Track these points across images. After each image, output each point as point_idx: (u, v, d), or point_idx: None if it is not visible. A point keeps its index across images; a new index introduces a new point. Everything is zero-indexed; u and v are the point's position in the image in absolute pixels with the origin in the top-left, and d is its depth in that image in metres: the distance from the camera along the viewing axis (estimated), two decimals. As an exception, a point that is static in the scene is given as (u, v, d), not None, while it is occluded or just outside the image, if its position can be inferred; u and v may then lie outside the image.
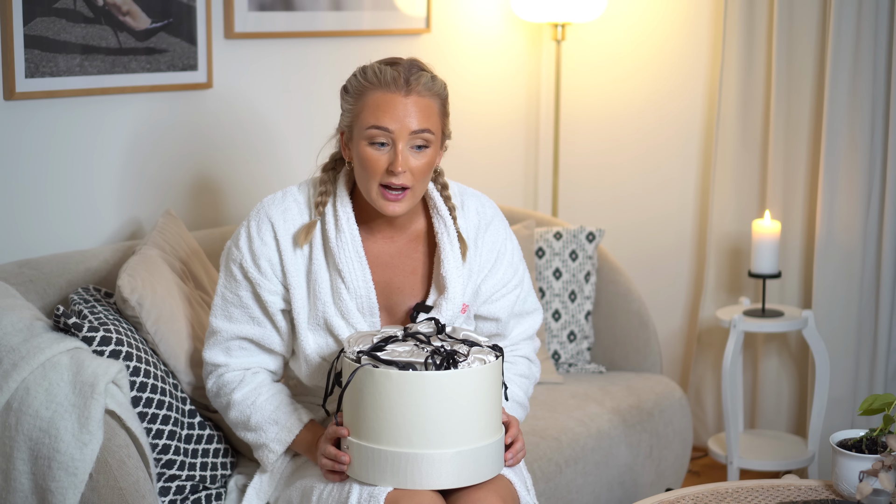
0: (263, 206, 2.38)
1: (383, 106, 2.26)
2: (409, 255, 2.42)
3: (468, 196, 2.47)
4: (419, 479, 2.15)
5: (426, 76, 2.28)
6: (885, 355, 3.66)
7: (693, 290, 4.15)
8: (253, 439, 2.40)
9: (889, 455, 2.39)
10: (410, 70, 2.28)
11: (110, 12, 2.92)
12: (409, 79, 2.27)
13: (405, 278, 2.41)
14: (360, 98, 2.29)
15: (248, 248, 2.36)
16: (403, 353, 2.18)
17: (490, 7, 4.06)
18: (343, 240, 2.34)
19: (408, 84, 2.26)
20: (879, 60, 3.59)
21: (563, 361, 3.49)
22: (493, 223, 2.46)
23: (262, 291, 2.36)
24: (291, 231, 2.36)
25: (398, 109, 2.25)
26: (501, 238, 2.47)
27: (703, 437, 4.04)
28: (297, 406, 2.41)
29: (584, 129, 4.25)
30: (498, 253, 2.46)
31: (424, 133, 2.27)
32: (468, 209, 2.45)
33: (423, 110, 2.27)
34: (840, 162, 3.64)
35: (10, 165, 2.79)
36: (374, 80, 2.27)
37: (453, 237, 2.38)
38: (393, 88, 2.26)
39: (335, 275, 2.35)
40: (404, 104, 2.26)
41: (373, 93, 2.27)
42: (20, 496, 2.24)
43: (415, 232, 2.43)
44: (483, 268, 2.44)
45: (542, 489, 2.87)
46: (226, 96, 3.24)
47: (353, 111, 2.30)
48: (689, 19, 4.06)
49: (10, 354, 2.27)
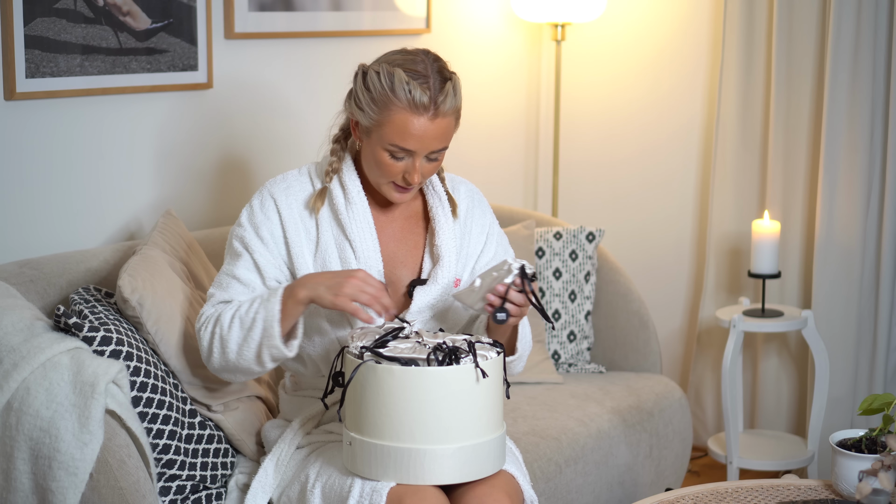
0: (266, 186, 2.45)
1: (409, 129, 2.29)
2: (411, 230, 2.50)
3: (458, 182, 2.57)
4: (421, 475, 2.17)
5: (450, 93, 2.31)
6: (884, 355, 3.66)
7: (693, 290, 4.15)
8: (258, 332, 2.30)
9: (889, 455, 2.39)
10: (439, 89, 2.29)
11: (110, 12, 2.92)
12: (436, 100, 2.29)
13: (408, 252, 2.49)
14: (387, 111, 2.30)
15: (250, 222, 2.42)
16: (406, 349, 2.20)
17: (490, 7, 4.06)
18: (354, 211, 2.41)
19: (436, 107, 2.29)
20: (879, 61, 3.59)
21: (563, 361, 3.49)
22: (482, 206, 2.58)
23: (260, 260, 2.40)
24: (294, 205, 2.42)
25: (423, 134, 2.30)
26: (489, 220, 2.57)
27: (702, 436, 4.05)
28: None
29: (584, 129, 4.25)
30: (487, 235, 2.55)
31: (442, 151, 2.36)
32: (459, 192, 2.55)
33: (445, 131, 2.34)
34: (840, 162, 3.64)
35: (11, 165, 2.80)
36: (405, 100, 2.28)
37: (447, 209, 2.48)
38: (421, 111, 2.29)
39: (344, 245, 2.41)
40: (429, 129, 2.30)
41: (399, 112, 2.29)
42: (20, 496, 2.24)
43: (413, 209, 2.52)
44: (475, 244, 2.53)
45: (542, 489, 2.88)
46: (226, 96, 3.24)
47: (376, 120, 2.32)
48: (689, 19, 4.06)
49: (10, 354, 2.27)
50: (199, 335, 2.40)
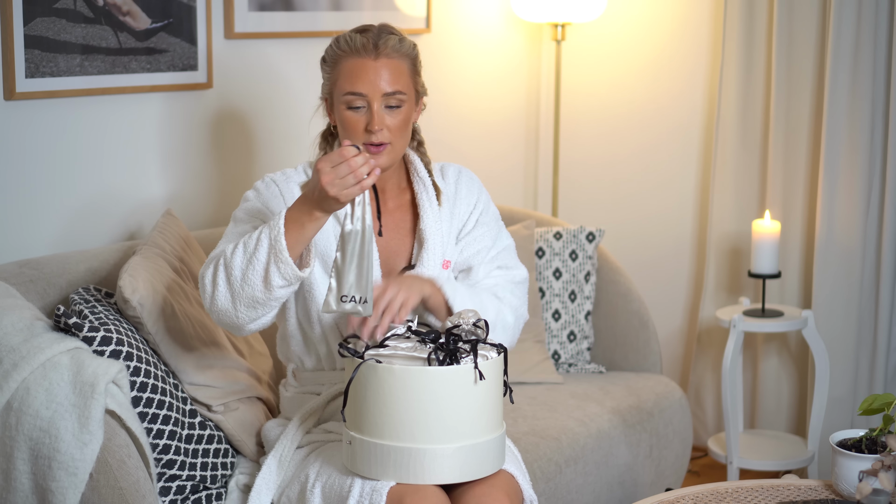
0: (266, 176, 2.52)
1: (356, 72, 2.40)
2: (402, 220, 2.54)
3: (447, 167, 2.62)
4: (421, 474, 2.17)
5: (394, 39, 2.43)
6: (884, 355, 3.66)
7: (693, 290, 4.15)
8: (264, 250, 2.25)
9: (889, 455, 2.39)
10: (379, 35, 2.42)
11: (110, 12, 2.92)
12: (377, 43, 2.41)
13: (400, 241, 2.52)
14: (336, 66, 2.44)
15: (257, 198, 2.47)
16: (406, 348, 2.21)
17: (490, 7, 4.06)
18: None
19: (376, 48, 2.40)
20: (879, 61, 3.59)
21: (563, 361, 3.49)
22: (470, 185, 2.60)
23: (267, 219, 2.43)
24: (295, 191, 2.48)
25: (369, 74, 2.40)
26: (475, 199, 2.59)
27: (702, 437, 4.05)
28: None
29: (584, 130, 4.25)
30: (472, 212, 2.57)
31: (397, 94, 2.41)
32: (448, 177, 2.59)
33: (394, 72, 2.41)
34: (840, 162, 3.64)
35: (10, 165, 2.80)
36: (346, 48, 2.43)
37: (431, 195, 2.52)
38: (363, 54, 2.41)
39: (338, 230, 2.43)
40: (375, 68, 2.40)
41: (346, 60, 2.42)
42: (20, 496, 2.24)
43: (403, 200, 2.56)
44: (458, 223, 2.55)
45: (542, 489, 2.87)
46: (226, 96, 3.24)
47: (330, 79, 2.46)
48: (689, 19, 4.06)
49: (10, 354, 2.27)
50: (201, 280, 2.33)
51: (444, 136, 3.93)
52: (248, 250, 2.25)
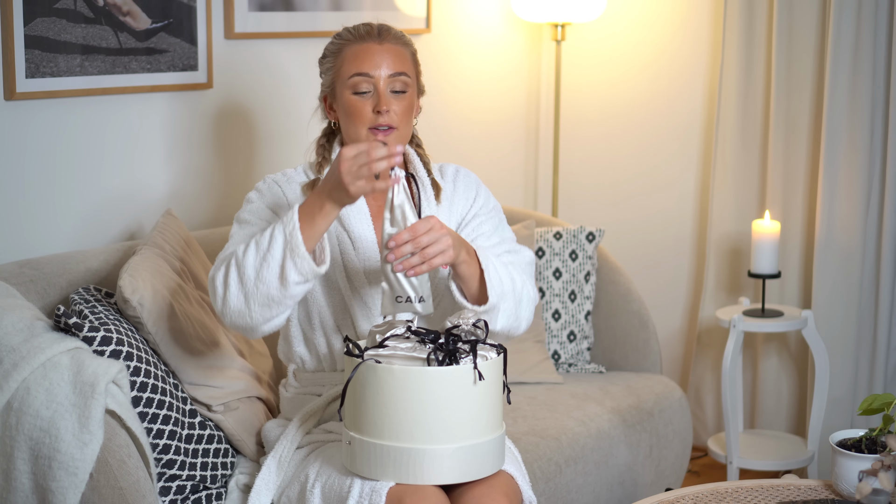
0: (267, 177, 2.54)
1: (361, 55, 2.44)
2: None
3: (447, 167, 2.63)
4: (421, 475, 2.17)
5: (395, 30, 2.50)
6: (884, 355, 3.66)
7: (693, 290, 4.15)
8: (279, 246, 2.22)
9: (888, 455, 2.40)
10: (381, 25, 2.49)
11: (110, 12, 2.92)
12: (380, 30, 2.47)
13: None
14: (339, 55, 2.47)
15: (260, 198, 2.48)
16: (406, 348, 2.20)
17: (490, 7, 4.06)
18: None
19: (380, 34, 2.46)
20: (879, 61, 3.59)
21: (563, 361, 3.49)
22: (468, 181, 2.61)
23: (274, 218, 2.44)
24: (297, 191, 2.49)
25: (375, 56, 2.44)
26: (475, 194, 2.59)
27: (702, 436, 4.05)
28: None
29: (584, 130, 4.25)
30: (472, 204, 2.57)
31: (402, 76, 2.44)
32: (446, 173, 2.61)
33: (398, 56, 2.45)
34: (840, 162, 3.64)
35: (11, 165, 2.80)
36: (349, 36, 2.47)
37: (430, 194, 2.53)
38: (367, 39, 2.46)
39: (343, 236, 2.46)
40: (379, 51, 2.44)
41: (350, 46, 2.46)
42: (20, 496, 2.24)
43: None
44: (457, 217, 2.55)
45: (542, 489, 2.88)
46: (226, 96, 3.24)
47: (333, 68, 2.48)
48: (689, 19, 4.06)
49: (10, 354, 2.27)
50: (211, 283, 2.30)
51: (444, 137, 3.93)
52: (262, 248, 2.24)
